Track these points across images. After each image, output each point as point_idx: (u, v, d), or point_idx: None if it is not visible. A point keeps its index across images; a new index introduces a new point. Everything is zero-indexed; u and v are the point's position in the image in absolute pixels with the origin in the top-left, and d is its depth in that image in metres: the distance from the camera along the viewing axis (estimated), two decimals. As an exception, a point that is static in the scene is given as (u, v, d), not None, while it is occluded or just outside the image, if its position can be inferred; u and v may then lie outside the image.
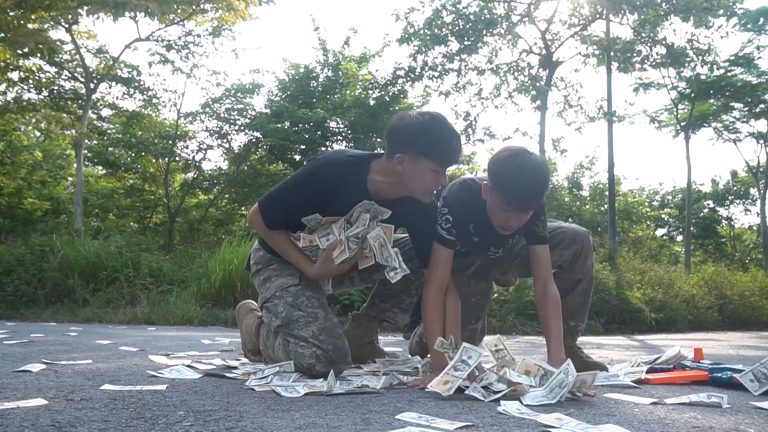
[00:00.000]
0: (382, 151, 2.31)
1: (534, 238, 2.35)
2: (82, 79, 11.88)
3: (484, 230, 2.36)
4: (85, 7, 9.55)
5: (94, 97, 12.24)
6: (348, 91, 12.41)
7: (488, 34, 11.81)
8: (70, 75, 12.32)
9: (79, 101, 12.32)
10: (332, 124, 12.33)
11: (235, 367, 2.41)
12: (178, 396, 1.73)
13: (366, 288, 3.07)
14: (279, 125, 11.78)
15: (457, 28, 11.56)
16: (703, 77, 15.30)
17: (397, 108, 12.21)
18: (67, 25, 10.84)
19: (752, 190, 22.47)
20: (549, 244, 2.39)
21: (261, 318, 2.58)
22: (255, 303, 2.78)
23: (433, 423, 1.41)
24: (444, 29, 11.61)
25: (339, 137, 12.44)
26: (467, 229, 2.37)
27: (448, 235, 2.30)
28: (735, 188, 23.77)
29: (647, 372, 2.44)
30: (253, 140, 12.72)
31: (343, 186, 2.21)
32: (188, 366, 2.38)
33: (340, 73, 12.41)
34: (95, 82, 11.81)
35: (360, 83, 12.57)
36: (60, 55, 11.49)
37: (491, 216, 2.26)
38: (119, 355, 2.90)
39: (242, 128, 12.72)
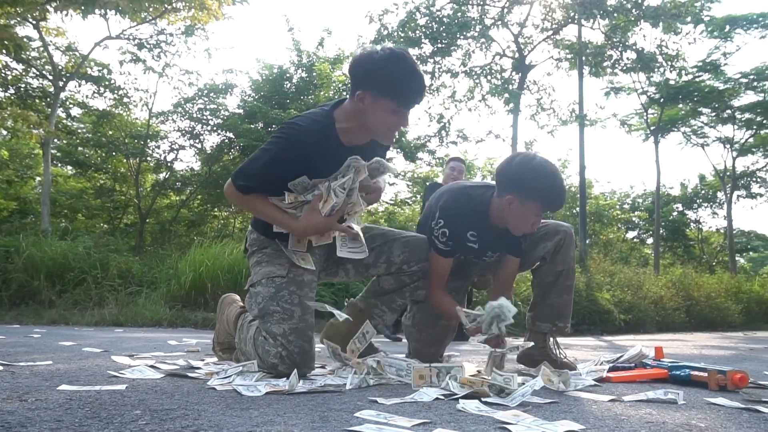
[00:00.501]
0: (345, 97, 2.28)
1: (518, 250, 2.58)
2: (50, 77, 11.68)
3: (484, 237, 2.50)
4: (54, 3, 9.39)
5: (63, 95, 12.04)
6: (322, 92, 12.38)
7: (462, 37, 11.91)
8: (38, 72, 12.10)
9: (48, 99, 12.10)
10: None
11: (199, 368, 2.39)
12: (136, 396, 1.71)
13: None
14: (252, 126, 11.71)
15: (430, 30, 11.64)
16: (671, 82, 15.62)
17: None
18: (34, 22, 10.64)
19: (719, 194, 22.94)
20: (530, 242, 2.60)
21: (243, 307, 2.56)
22: (238, 296, 2.76)
23: (390, 420, 1.42)
24: (418, 31, 11.68)
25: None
26: (465, 237, 2.49)
27: (446, 248, 2.46)
28: (703, 192, 24.25)
29: (609, 371, 2.47)
30: (226, 141, 12.62)
31: (317, 147, 2.17)
32: (151, 366, 2.35)
33: (314, 74, 12.38)
34: (64, 80, 11.61)
35: (334, 84, 12.55)
36: (27, 52, 11.29)
37: (515, 223, 2.42)
38: (81, 356, 2.85)
39: (215, 128, 12.61)
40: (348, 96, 2.25)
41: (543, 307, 2.67)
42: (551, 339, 2.68)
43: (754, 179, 21.41)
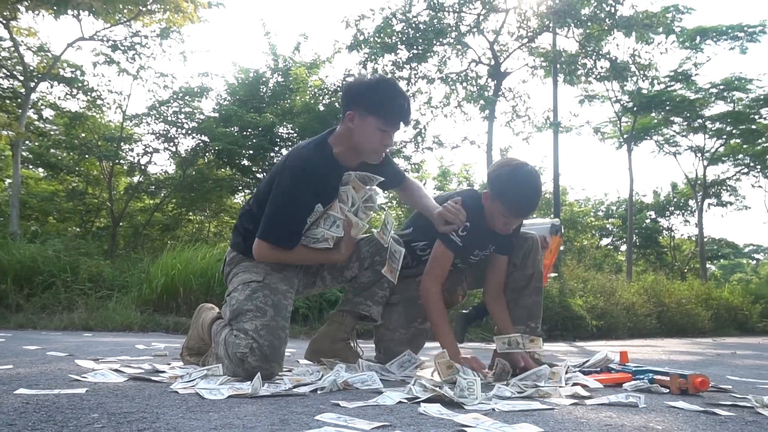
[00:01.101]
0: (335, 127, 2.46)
1: (507, 248, 2.69)
2: (21, 78, 11.50)
3: (476, 233, 2.56)
4: (25, 3, 9.26)
5: (34, 96, 11.86)
6: (298, 97, 12.36)
7: (438, 44, 11.97)
8: (8, 73, 11.91)
9: (18, 100, 11.91)
10: (281, 130, 12.26)
11: (164, 371, 2.36)
12: (96, 399, 1.68)
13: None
14: (227, 129, 11.65)
15: (406, 36, 11.68)
16: (644, 91, 15.87)
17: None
18: (4, 21, 10.47)
19: (691, 202, 23.32)
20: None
21: (220, 314, 2.58)
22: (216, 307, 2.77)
23: (351, 423, 1.42)
24: (394, 37, 11.71)
25: (288, 143, 12.38)
26: (473, 246, 2.65)
27: (460, 242, 2.54)
28: (675, 200, 24.63)
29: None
30: (201, 144, 12.54)
31: (324, 174, 2.34)
32: (115, 370, 2.32)
33: (290, 78, 12.35)
34: (35, 81, 11.44)
35: (310, 89, 12.54)
36: (-3, 52, 11.11)
37: (491, 220, 2.54)
38: (44, 360, 2.80)
39: (190, 132, 12.52)
40: (339, 124, 2.43)
41: (516, 310, 2.72)
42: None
43: (725, 188, 21.83)
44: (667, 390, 2.22)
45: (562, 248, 13.83)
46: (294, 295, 2.48)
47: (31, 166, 13.58)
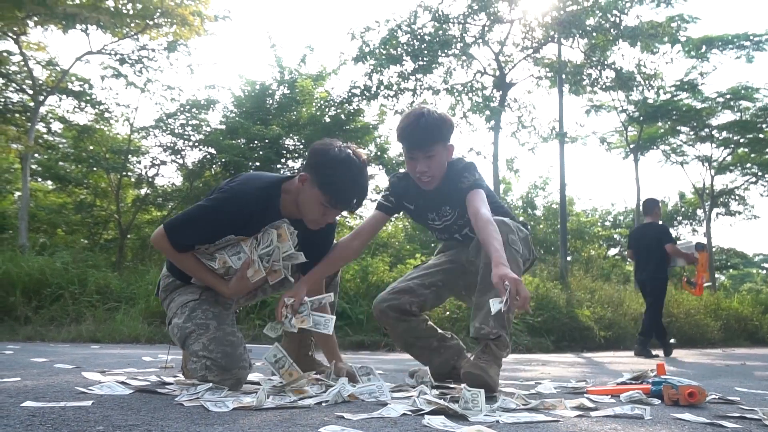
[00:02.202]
0: (293, 173, 2.40)
1: (466, 188, 2.49)
2: (30, 92, 11.61)
3: (416, 199, 2.64)
4: (34, 18, 9.37)
5: (43, 110, 11.98)
6: (304, 109, 12.42)
7: (443, 55, 12.00)
8: (17, 87, 12.03)
9: (27, 114, 12.03)
10: (288, 142, 12.32)
11: (170, 384, 2.37)
12: (102, 411, 1.69)
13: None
14: (234, 141, 11.71)
15: (412, 48, 11.73)
16: (650, 101, 15.86)
17: (352, 126, 12.27)
18: (14, 36, 10.60)
19: (699, 212, 23.22)
20: (483, 187, 2.51)
21: None
22: None
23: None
24: (399, 49, 11.76)
25: (294, 155, 12.43)
26: (405, 196, 2.68)
27: (384, 201, 2.67)
28: (683, 209, 24.53)
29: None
30: (208, 156, 12.60)
31: (258, 211, 2.27)
32: (121, 382, 2.33)
33: (297, 90, 12.42)
34: (44, 94, 11.55)
35: (316, 101, 12.59)
36: (7, 67, 11.23)
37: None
38: (52, 373, 2.82)
39: (197, 144, 12.59)
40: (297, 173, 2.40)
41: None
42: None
43: (733, 197, 21.73)
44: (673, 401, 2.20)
45: (569, 258, 13.77)
46: (234, 305, 2.52)
47: (39, 179, 13.69)
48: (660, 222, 7.56)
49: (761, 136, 18.43)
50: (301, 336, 2.68)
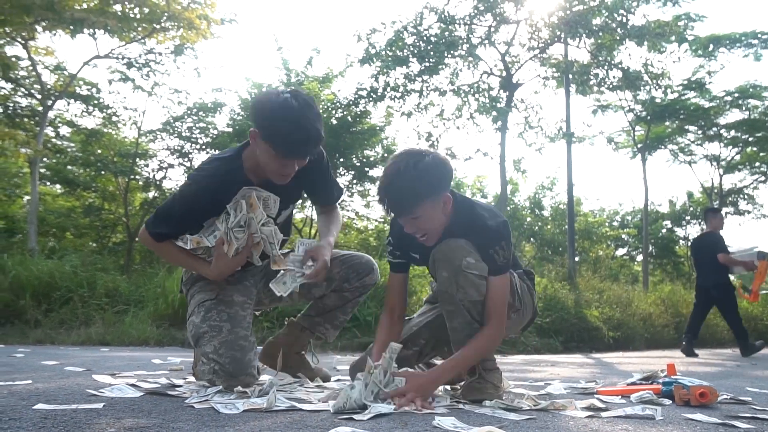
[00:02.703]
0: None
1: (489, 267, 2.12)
2: (39, 96, 11.69)
3: (421, 248, 2.27)
4: (42, 23, 9.44)
5: (51, 114, 12.04)
6: (311, 111, 12.40)
7: (449, 56, 11.98)
8: (26, 92, 12.11)
9: (36, 118, 12.10)
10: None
11: (180, 386, 2.38)
12: (113, 414, 1.70)
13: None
14: (241, 143, 11.73)
15: (418, 49, 11.71)
16: (657, 100, 15.79)
17: (359, 128, 12.28)
18: (23, 41, 10.67)
19: (707, 211, 23.05)
20: (506, 272, 2.15)
21: None
22: None
23: (365, 437, 1.42)
24: (405, 50, 11.75)
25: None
26: (410, 246, 2.30)
27: (393, 259, 2.35)
28: (691, 209, 24.40)
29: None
30: (215, 159, 12.62)
31: (224, 190, 2.23)
32: (131, 385, 2.34)
33: (303, 92, 12.40)
34: (52, 99, 11.62)
35: (322, 103, 12.61)
36: (16, 72, 11.30)
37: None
38: (62, 375, 2.83)
39: (204, 147, 12.62)
40: None
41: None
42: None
43: (742, 196, 21.59)
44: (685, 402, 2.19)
45: (576, 259, 13.73)
46: (254, 305, 2.50)
47: (48, 183, 13.77)
48: (718, 231, 7.91)
49: (770, 134, 18.32)
50: (300, 333, 2.68)
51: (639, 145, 18.17)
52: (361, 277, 2.59)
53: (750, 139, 18.69)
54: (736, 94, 17.16)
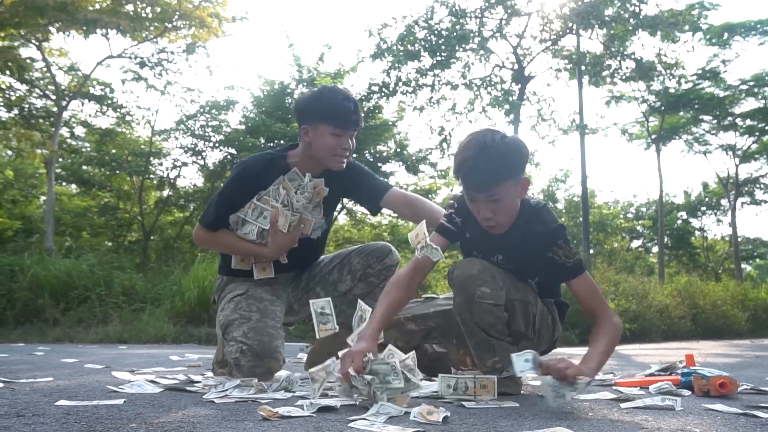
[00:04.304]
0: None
1: (559, 273, 2.06)
2: (53, 97, 11.79)
3: (476, 230, 2.16)
4: (56, 25, 9.51)
5: (66, 114, 12.14)
6: (323, 107, 12.42)
7: (461, 50, 11.95)
8: (41, 93, 12.21)
9: (51, 119, 12.21)
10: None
11: (198, 382, 2.39)
12: (134, 410, 1.71)
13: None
14: (255, 140, 11.77)
15: (429, 43, 11.70)
16: (671, 90, 15.66)
17: (372, 123, 12.27)
18: (37, 43, 10.76)
19: (723, 201, 22.88)
20: (584, 270, 2.08)
21: None
22: None
23: (384, 430, 1.42)
24: (417, 45, 11.74)
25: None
26: (468, 222, 2.18)
27: (447, 222, 2.19)
28: (707, 200, 24.18)
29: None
30: (228, 157, 12.69)
31: (266, 174, 2.43)
32: (150, 381, 2.36)
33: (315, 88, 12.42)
34: (67, 99, 11.72)
35: (335, 99, 12.61)
36: (30, 73, 11.40)
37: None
38: (82, 373, 2.86)
39: (217, 145, 12.68)
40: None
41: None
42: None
43: (758, 186, 21.37)
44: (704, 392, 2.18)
45: (592, 251, 13.66)
46: (285, 307, 2.57)
47: (64, 183, 13.88)
48: None
49: (787, 122, 18.12)
50: (339, 331, 2.65)
51: (653, 136, 18.04)
52: (382, 259, 2.63)
53: (766, 127, 18.48)
54: (752, 83, 16.97)
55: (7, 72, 9.79)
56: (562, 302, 2.30)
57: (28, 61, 10.71)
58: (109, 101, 12.63)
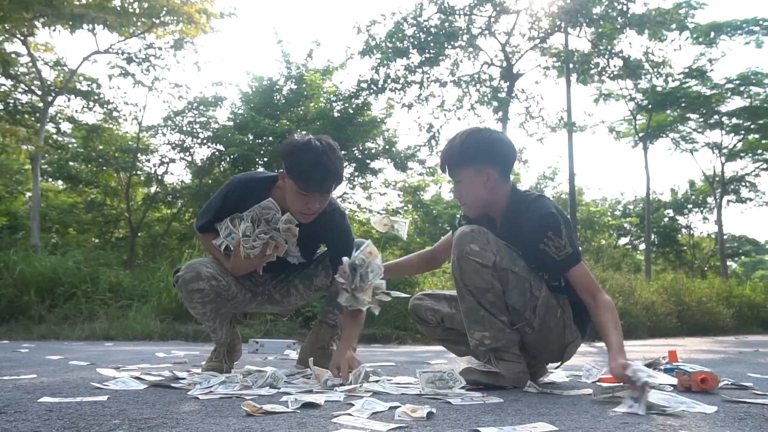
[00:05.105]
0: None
1: (552, 265, 2.15)
2: (39, 93, 11.69)
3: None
4: (42, 19, 9.42)
5: (52, 110, 12.05)
6: (312, 103, 12.42)
7: (449, 47, 11.97)
8: (26, 88, 12.11)
9: (37, 114, 12.11)
10: (297, 136, 12.31)
11: (183, 378, 2.39)
12: (117, 406, 1.71)
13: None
14: (243, 137, 11.73)
15: (418, 40, 11.70)
16: (659, 89, 15.76)
17: (360, 120, 12.26)
18: (22, 38, 10.66)
19: (709, 199, 23.06)
20: (579, 261, 2.15)
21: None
22: None
23: (368, 425, 1.43)
24: (405, 42, 11.74)
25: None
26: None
27: (461, 219, 2.45)
28: (693, 197, 24.36)
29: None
30: (216, 153, 12.64)
31: (249, 197, 2.48)
32: (135, 378, 2.35)
33: (304, 85, 12.40)
34: (53, 95, 11.62)
35: (324, 95, 12.59)
36: (15, 68, 11.30)
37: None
38: (67, 369, 2.85)
39: (205, 141, 12.62)
40: None
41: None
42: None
43: (744, 184, 21.57)
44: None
45: (580, 248, 13.76)
46: (251, 296, 2.72)
47: (50, 179, 13.78)
48: None
49: (772, 121, 18.27)
50: (318, 328, 2.85)
51: (640, 134, 18.15)
52: (357, 249, 2.62)
53: (752, 126, 18.65)
54: (738, 82, 17.11)
55: (-8, 67, 9.70)
56: (583, 309, 2.25)
57: (13, 56, 10.62)
58: (96, 97, 12.55)
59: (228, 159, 12.29)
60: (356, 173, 13.13)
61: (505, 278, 2.14)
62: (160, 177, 13.24)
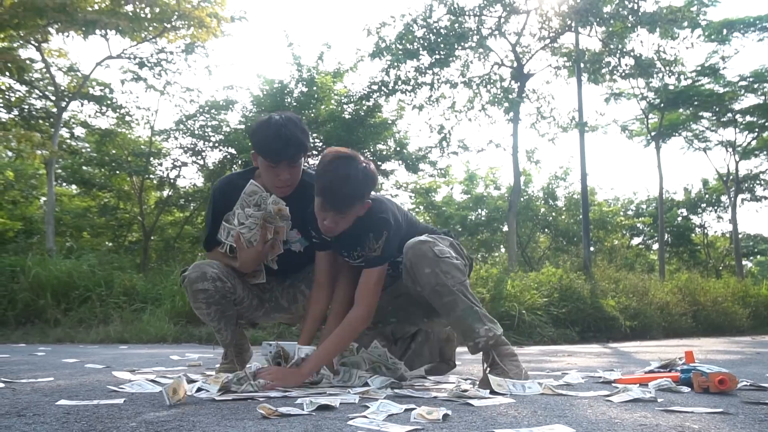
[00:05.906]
0: None
1: (367, 261, 2.38)
2: (53, 98, 11.80)
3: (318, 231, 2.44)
4: (55, 26, 9.51)
5: (66, 115, 12.15)
6: (323, 106, 12.44)
7: (459, 48, 11.94)
8: (40, 94, 12.22)
9: (51, 120, 12.22)
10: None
11: (197, 380, 2.39)
12: (134, 408, 1.72)
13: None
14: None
15: (428, 42, 11.68)
16: (671, 87, 15.63)
17: (371, 121, 12.27)
18: (36, 44, 10.77)
19: (723, 198, 22.84)
20: (381, 264, 2.36)
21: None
22: None
23: (383, 427, 1.43)
24: (415, 43, 11.72)
25: (315, 151, 12.47)
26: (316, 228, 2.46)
27: (314, 239, 2.53)
28: (707, 196, 24.12)
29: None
30: (228, 156, 12.70)
31: (234, 191, 2.50)
32: (151, 380, 2.37)
33: (315, 87, 12.43)
34: (66, 100, 11.72)
35: (335, 97, 12.61)
36: (30, 74, 11.41)
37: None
38: (83, 373, 2.87)
39: (217, 144, 12.69)
40: None
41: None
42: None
43: (758, 182, 21.32)
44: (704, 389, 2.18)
45: (591, 249, 13.65)
46: (258, 302, 2.73)
47: (64, 184, 13.90)
48: None
49: (787, 118, 18.08)
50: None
51: (653, 133, 18.02)
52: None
53: (766, 123, 18.45)
54: (751, 79, 16.94)
55: (7, 73, 9.80)
56: (446, 231, 2.66)
57: (27, 62, 10.73)
58: (109, 102, 12.65)
59: (240, 162, 12.34)
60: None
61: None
62: (172, 181, 13.33)
